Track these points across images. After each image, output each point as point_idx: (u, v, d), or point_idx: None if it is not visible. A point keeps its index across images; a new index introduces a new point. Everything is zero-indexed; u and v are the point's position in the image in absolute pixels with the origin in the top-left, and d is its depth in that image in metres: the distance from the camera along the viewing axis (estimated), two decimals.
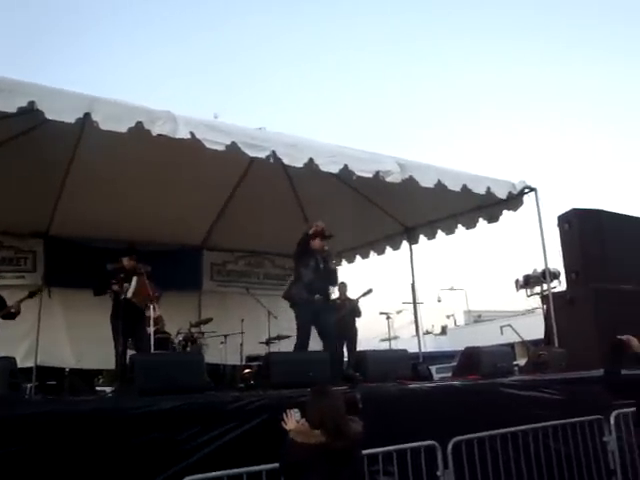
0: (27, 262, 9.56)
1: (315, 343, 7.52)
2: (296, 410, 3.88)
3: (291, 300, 7.51)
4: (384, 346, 20.59)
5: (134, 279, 7.37)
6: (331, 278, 7.82)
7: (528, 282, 10.38)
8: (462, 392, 6.30)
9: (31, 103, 5.06)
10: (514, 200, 8.59)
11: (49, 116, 5.22)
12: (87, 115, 5.34)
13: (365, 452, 4.33)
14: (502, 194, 8.23)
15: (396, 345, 11.05)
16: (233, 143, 5.93)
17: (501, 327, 10.88)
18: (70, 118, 5.28)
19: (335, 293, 10.24)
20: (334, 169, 6.65)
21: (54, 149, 7.72)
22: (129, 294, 7.26)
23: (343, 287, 10.22)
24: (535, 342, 10.27)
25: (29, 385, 8.14)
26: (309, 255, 7.46)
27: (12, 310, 7.93)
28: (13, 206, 8.55)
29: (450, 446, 4.96)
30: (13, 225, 9.29)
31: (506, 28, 71.74)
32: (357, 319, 9.91)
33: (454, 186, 7.57)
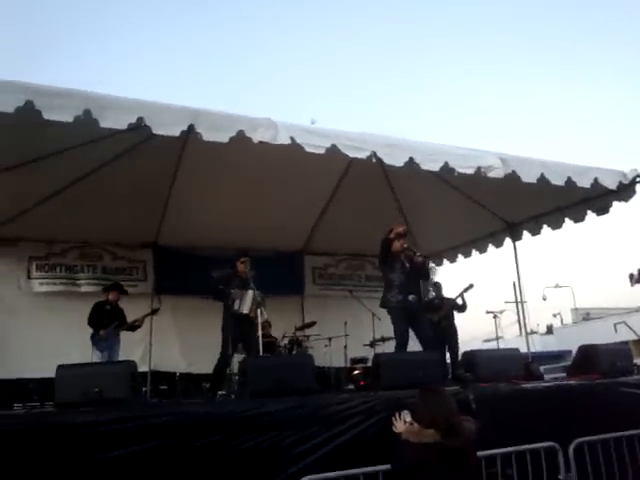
0: (139, 271, 10.04)
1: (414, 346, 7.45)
2: (407, 412, 3.84)
3: (388, 306, 7.48)
4: (487, 346, 20.12)
5: (249, 293, 7.54)
6: (422, 273, 7.76)
7: None
8: (580, 392, 6.06)
9: (140, 119, 5.26)
10: (625, 190, 8.11)
11: (156, 130, 5.40)
12: (191, 127, 5.48)
13: (482, 454, 4.24)
14: (612, 184, 7.80)
15: (501, 346, 10.69)
16: (333, 146, 5.94)
17: (615, 324, 10.38)
18: (175, 131, 5.44)
19: (431, 294, 10.13)
20: (435, 167, 6.54)
21: (159, 162, 8.07)
22: (244, 310, 7.47)
23: (438, 287, 10.07)
24: None
25: (144, 389, 8.49)
26: (393, 258, 7.46)
27: (137, 324, 8.42)
28: (124, 218, 9.03)
29: (572, 448, 4.75)
30: (125, 237, 9.80)
31: None
32: (460, 314, 9.78)
33: (558, 180, 7.25)
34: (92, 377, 5.03)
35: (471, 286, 9.57)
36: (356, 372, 8.47)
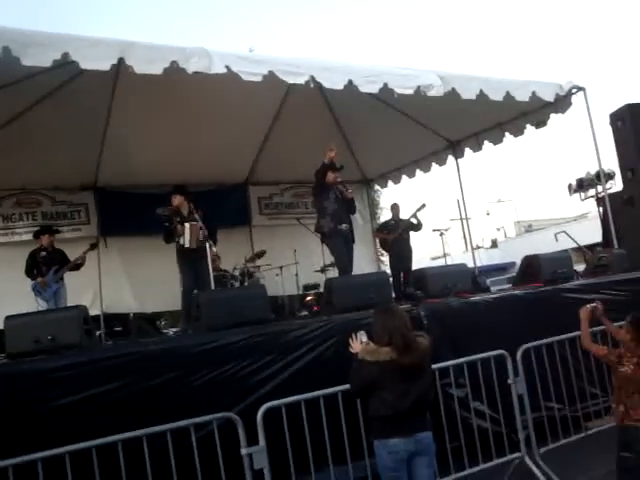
0: (81, 215, 9.79)
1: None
2: (362, 332, 3.92)
3: (322, 232, 7.59)
4: (435, 264, 20.62)
5: (187, 229, 7.45)
6: (350, 207, 7.87)
7: (582, 185, 10.15)
8: (525, 301, 6.30)
9: (65, 55, 5.03)
10: (562, 102, 8.26)
11: (84, 65, 5.19)
12: (121, 60, 5.27)
13: (435, 366, 4.39)
14: (549, 97, 7.92)
15: (448, 262, 10.97)
16: (270, 72, 5.81)
17: (555, 234, 10.65)
18: (105, 65, 5.24)
19: (388, 215, 10.25)
20: (374, 89, 6.49)
21: (92, 100, 7.78)
22: (187, 244, 7.39)
23: (396, 208, 10.19)
24: (590, 247, 10.08)
25: (98, 332, 8.44)
26: (327, 188, 7.54)
27: (79, 262, 8.22)
28: (60, 161, 8.74)
29: (519, 354, 4.96)
30: (63, 180, 9.49)
31: None
32: (412, 235, 9.93)
33: (497, 95, 7.30)
34: (43, 325, 4.93)
35: (423, 206, 9.70)
36: (309, 298, 8.61)
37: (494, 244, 42.33)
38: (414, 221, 9.81)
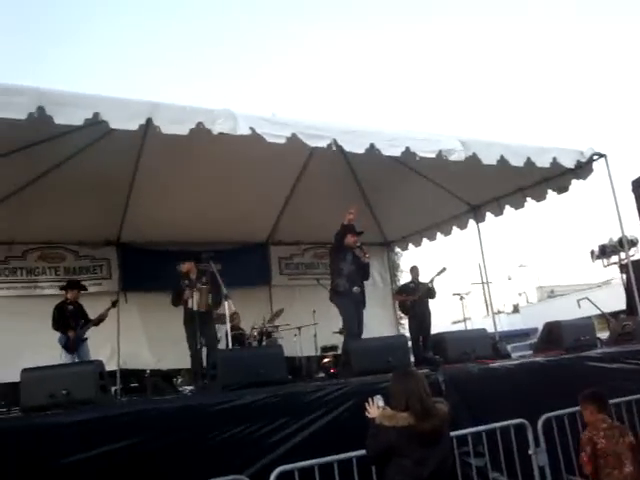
0: (103, 269, 9.89)
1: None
2: (379, 396, 3.85)
3: (336, 290, 7.57)
4: (456, 328, 20.33)
5: (195, 292, 7.66)
6: (365, 272, 7.87)
7: (604, 252, 10.05)
8: (547, 368, 6.16)
9: (96, 114, 5.18)
10: (583, 168, 8.27)
11: (113, 125, 5.33)
12: (149, 120, 5.41)
13: (453, 434, 4.28)
14: (570, 163, 7.94)
15: (469, 326, 10.86)
16: (293, 135, 5.92)
17: (578, 300, 10.56)
18: (133, 125, 5.37)
19: (407, 277, 10.19)
20: (396, 152, 6.57)
21: (119, 158, 7.96)
22: (195, 307, 7.62)
23: (415, 270, 10.14)
24: (614, 314, 9.92)
25: (114, 388, 8.40)
26: (345, 249, 7.59)
27: (102, 318, 8.29)
28: (85, 217, 8.90)
29: (540, 423, 4.83)
30: (87, 235, 9.64)
31: None
32: (431, 300, 9.84)
33: (518, 161, 7.34)
34: (59, 379, 4.93)
35: (444, 270, 9.65)
36: (326, 360, 8.51)
37: (515, 309, 41.87)
38: (431, 286, 9.74)
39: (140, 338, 9.81)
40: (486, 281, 11.16)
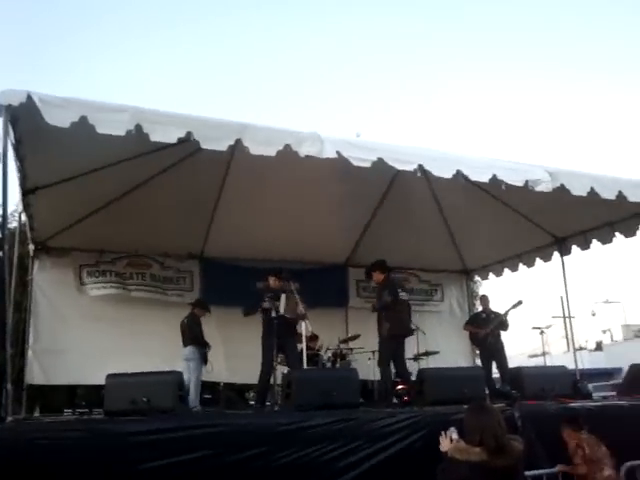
0: (186, 281, 10.19)
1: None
2: (453, 429, 3.80)
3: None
4: (533, 362, 19.68)
5: (283, 296, 7.66)
6: None
7: None
8: (632, 413, 5.90)
9: (188, 134, 5.37)
10: None
11: (204, 145, 5.52)
12: (238, 141, 5.57)
13: (529, 473, 4.17)
14: None
15: (547, 362, 10.50)
16: (379, 159, 5.95)
17: None
18: (223, 146, 5.54)
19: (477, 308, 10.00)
20: (483, 179, 6.48)
21: (207, 175, 8.23)
22: (281, 310, 7.52)
23: (485, 299, 9.95)
24: None
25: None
26: None
27: None
28: (171, 230, 9.21)
29: (623, 471, 4.64)
30: (172, 248, 9.96)
31: None
32: (503, 333, 9.59)
33: (609, 194, 7.08)
34: (140, 386, 5.13)
35: (520, 303, 9.38)
36: (400, 387, 8.42)
37: (599, 347, 40.12)
38: (504, 319, 9.49)
39: (217, 351, 9.97)
40: (568, 315, 10.77)
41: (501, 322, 9.48)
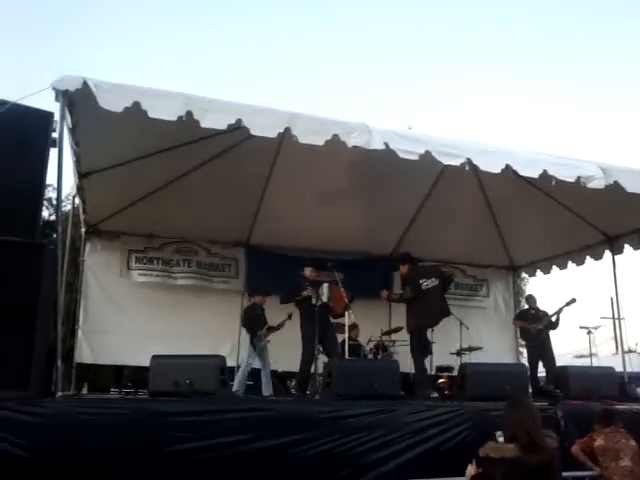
0: (231, 268, 10.33)
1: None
2: (500, 433, 3.73)
3: None
4: (579, 363, 19.23)
5: (325, 285, 7.66)
6: None
7: None
8: None
9: (239, 120, 5.43)
10: None
11: (254, 132, 5.56)
12: (287, 130, 5.60)
13: (568, 474, 4.11)
14: None
15: (594, 363, 10.28)
16: (427, 152, 5.90)
17: None
18: (272, 133, 5.58)
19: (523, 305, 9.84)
20: (534, 174, 6.37)
21: (255, 163, 8.28)
22: (324, 299, 7.54)
23: (531, 299, 9.79)
24: None
25: (231, 383, 8.73)
26: None
27: (279, 327, 8.88)
28: (218, 217, 9.33)
29: None
30: (218, 235, 10.09)
31: None
32: (552, 331, 9.41)
33: None
34: (183, 369, 5.23)
35: (574, 300, 9.13)
36: (441, 381, 8.38)
37: None
38: (557, 317, 9.30)
39: None
40: (618, 317, 10.53)
41: (551, 321, 9.30)
